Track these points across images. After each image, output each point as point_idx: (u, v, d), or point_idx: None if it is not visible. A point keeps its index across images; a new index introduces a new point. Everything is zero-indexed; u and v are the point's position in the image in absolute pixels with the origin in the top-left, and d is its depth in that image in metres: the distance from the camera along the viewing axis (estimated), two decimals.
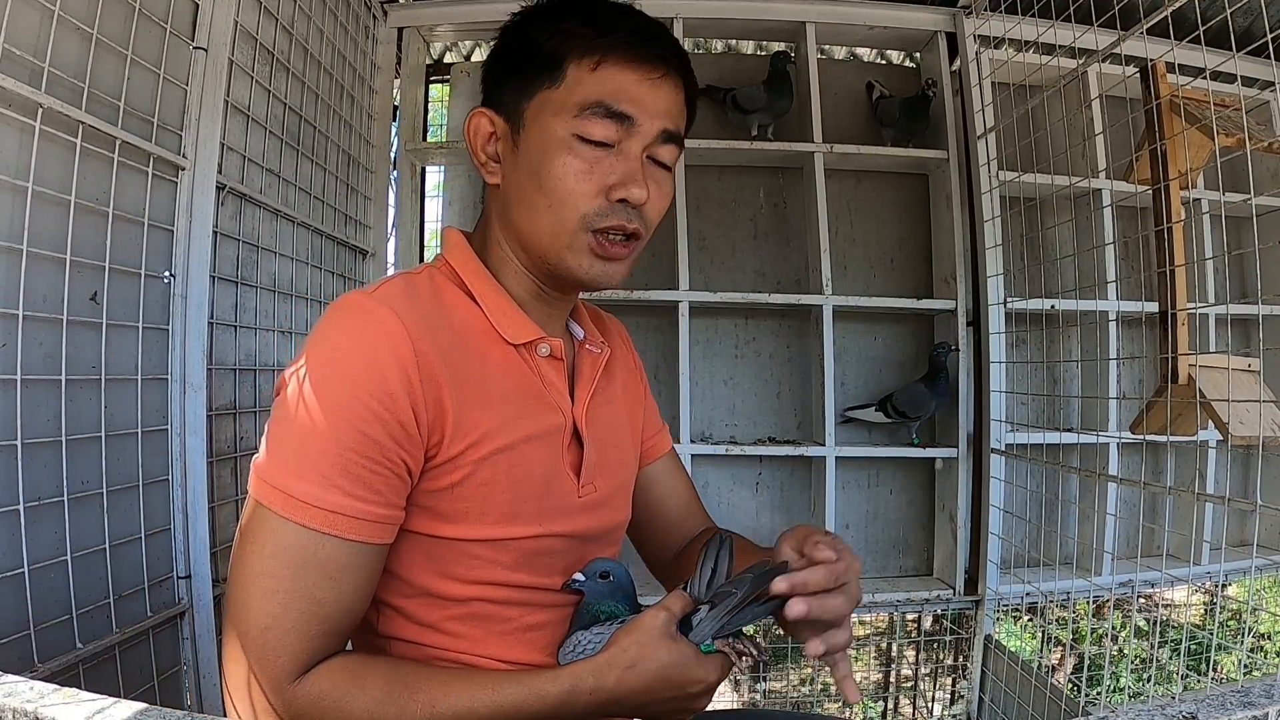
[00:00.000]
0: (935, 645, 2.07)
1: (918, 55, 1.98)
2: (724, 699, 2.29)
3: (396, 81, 1.84)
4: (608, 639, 0.63)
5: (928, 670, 2.12)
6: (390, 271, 1.80)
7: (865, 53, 2.16)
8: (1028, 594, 1.71)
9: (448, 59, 2.17)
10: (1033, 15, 1.49)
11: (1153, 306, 1.17)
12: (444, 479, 0.64)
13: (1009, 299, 1.68)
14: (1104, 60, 1.45)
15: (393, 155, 1.82)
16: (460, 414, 0.63)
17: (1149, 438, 1.30)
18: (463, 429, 0.64)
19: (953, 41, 1.80)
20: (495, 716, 0.58)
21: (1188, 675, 1.90)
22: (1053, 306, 1.62)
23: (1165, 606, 2.36)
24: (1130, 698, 2.36)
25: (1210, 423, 1.10)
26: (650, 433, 0.91)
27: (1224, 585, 2.16)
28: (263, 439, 0.62)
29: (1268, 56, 1.04)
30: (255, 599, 0.57)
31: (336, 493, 0.58)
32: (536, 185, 0.68)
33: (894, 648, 2.22)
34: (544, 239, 0.69)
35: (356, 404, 0.58)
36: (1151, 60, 1.17)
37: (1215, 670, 2.16)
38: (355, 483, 0.58)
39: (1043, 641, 2.25)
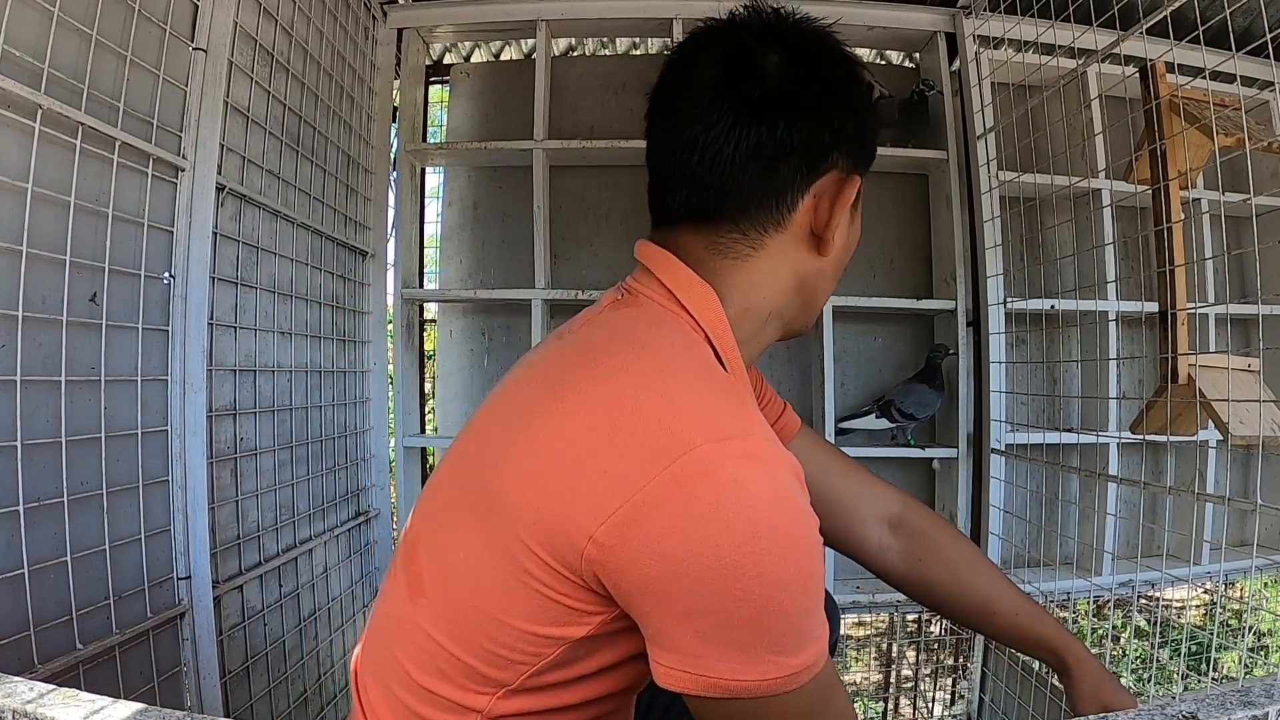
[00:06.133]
0: (935, 645, 2.07)
1: (917, 56, 1.98)
2: None
3: (396, 82, 1.84)
4: None
5: (928, 670, 2.12)
6: (389, 273, 1.79)
7: (864, 53, 2.16)
8: (1028, 594, 1.71)
9: (447, 60, 2.17)
10: (1032, 15, 1.49)
11: (1153, 306, 1.17)
12: None
13: (1009, 299, 1.68)
14: (1103, 60, 1.45)
15: (392, 156, 1.82)
16: None
17: (1149, 438, 1.30)
18: None
19: (952, 42, 1.80)
20: None
21: (1188, 675, 1.89)
22: (1053, 307, 1.62)
23: (1166, 606, 2.36)
24: None
25: (1210, 422, 1.10)
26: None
27: (1227, 584, 2.16)
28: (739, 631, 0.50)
29: (1267, 56, 1.05)
30: None
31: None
32: (844, 260, 0.73)
33: (894, 648, 2.21)
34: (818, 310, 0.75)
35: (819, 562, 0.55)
36: (1151, 60, 1.16)
37: (1216, 669, 2.16)
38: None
39: None
